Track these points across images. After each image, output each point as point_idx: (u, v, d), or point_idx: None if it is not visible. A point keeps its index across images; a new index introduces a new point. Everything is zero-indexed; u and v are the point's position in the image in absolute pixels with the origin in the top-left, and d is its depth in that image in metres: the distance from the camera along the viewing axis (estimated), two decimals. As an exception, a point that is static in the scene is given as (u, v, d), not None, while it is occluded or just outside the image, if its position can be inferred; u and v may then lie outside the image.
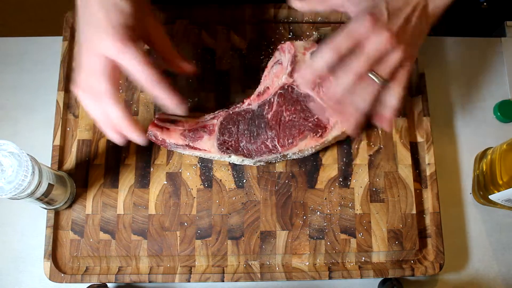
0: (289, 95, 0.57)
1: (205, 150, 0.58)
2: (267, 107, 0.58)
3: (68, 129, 0.63)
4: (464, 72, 0.71)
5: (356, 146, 0.62)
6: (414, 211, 0.60)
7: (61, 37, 0.67)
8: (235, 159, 0.58)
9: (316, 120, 0.57)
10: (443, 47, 0.71)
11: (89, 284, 0.58)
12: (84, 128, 0.63)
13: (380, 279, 0.60)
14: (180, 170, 0.61)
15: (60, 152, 0.62)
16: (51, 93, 0.66)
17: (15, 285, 0.61)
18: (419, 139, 0.64)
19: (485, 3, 0.91)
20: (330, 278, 0.58)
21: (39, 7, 1.67)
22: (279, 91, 0.58)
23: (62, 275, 0.58)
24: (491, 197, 0.60)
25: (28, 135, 0.67)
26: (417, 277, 0.61)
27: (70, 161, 0.62)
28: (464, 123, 0.68)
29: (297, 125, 0.57)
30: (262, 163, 0.61)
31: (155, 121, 0.59)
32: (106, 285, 0.59)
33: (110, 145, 0.62)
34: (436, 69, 0.70)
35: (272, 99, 0.58)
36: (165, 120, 0.59)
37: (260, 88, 0.59)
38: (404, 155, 0.62)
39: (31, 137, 0.66)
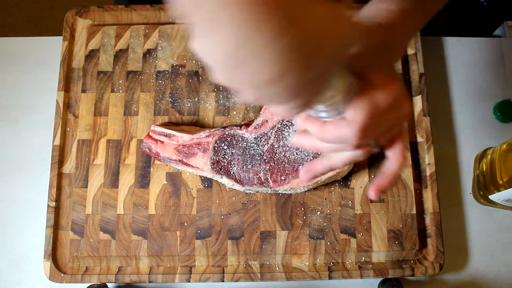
0: (287, 131, 0.57)
1: (198, 167, 0.58)
2: (263, 140, 0.58)
3: (68, 129, 0.63)
4: (464, 72, 0.70)
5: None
6: (414, 211, 0.60)
7: (61, 37, 0.67)
8: (226, 181, 0.58)
9: (311, 159, 0.57)
10: (443, 47, 0.71)
11: (89, 284, 0.58)
12: (84, 128, 0.63)
13: (380, 279, 0.60)
14: (180, 170, 0.61)
15: (60, 152, 0.62)
16: (51, 93, 0.66)
17: (15, 285, 0.61)
18: (419, 139, 0.64)
19: (485, 3, 0.91)
20: (330, 278, 0.58)
21: (39, 7, 1.67)
22: (277, 126, 0.57)
23: (62, 275, 0.58)
24: (491, 197, 0.60)
25: (28, 135, 0.67)
26: (417, 277, 0.61)
27: (70, 161, 0.62)
28: (464, 123, 0.68)
29: (291, 162, 0.57)
30: (252, 192, 0.61)
31: (150, 133, 0.60)
32: (106, 285, 0.59)
33: (110, 145, 0.62)
34: (436, 69, 0.70)
35: (269, 133, 0.58)
36: (161, 133, 0.59)
37: (258, 120, 0.59)
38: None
39: (31, 137, 0.66)
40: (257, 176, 0.57)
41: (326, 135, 0.34)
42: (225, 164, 0.58)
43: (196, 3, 0.23)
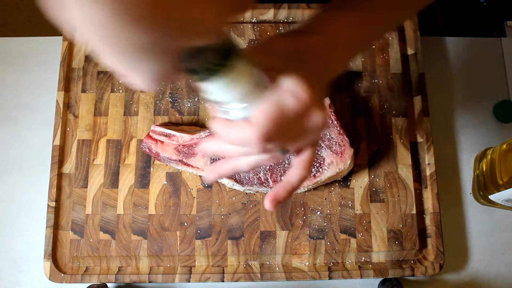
0: None
1: (198, 168, 0.58)
2: None
3: (68, 129, 0.63)
4: (464, 72, 0.71)
5: (356, 146, 0.62)
6: (414, 211, 0.60)
7: (61, 37, 0.67)
8: (226, 181, 0.58)
9: None
10: (443, 47, 0.71)
11: (89, 284, 0.58)
12: (84, 128, 0.63)
13: (380, 279, 0.60)
14: (180, 170, 0.61)
15: (60, 152, 0.62)
16: (51, 93, 0.66)
17: (15, 285, 0.61)
18: (419, 139, 0.64)
19: (485, 3, 0.91)
20: (330, 278, 0.58)
21: (39, 7, 1.67)
22: None
23: (62, 275, 0.58)
24: (491, 197, 0.60)
25: (28, 135, 0.67)
26: (417, 277, 0.61)
27: (70, 161, 0.62)
28: (464, 123, 0.68)
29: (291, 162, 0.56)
30: (252, 192, 0.60)
31: (150, 133, 0.60)
32: (106, 285, 0.59)
33: (110, 145, 0.62)
34: (436, 69, 0.70)
35: None
36: (161, 133, 0.59)
37: None
38: (404, 155, 0.62)
39: (31, 137, 0.66)
40: (257, 176, 0.57)
41: (228, 136, 0.32)
42: None
43: None
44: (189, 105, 0.64)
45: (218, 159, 0.57)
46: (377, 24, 0.40)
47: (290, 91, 0.31)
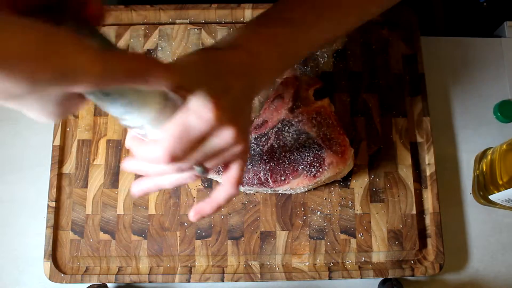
0: (287, 131, 0.57)
1: None
2: (263, 141, 0.57)
3: (68, 129, 0.63)
4: (464, 72, 0.70)
5: (356, 146, 0.62)
6: (414, 211, 0.60)
7: (61, 37, 0.67)
8: None
9: (311, 159, 0.56)
10: (443, 47, 0.71)
11: (89, 284, 0.58)
12: (84, 128, 0.63)
13: (380, 279, 0.60)
14: (180, 170, 0.61)
15: (60, 152, 0.62)
16: (51, 93, 0.66)
17: (15, 285, 0.61)
18: (419, 139, 0.64)
19: (485, 3, 0.91)
20: (330, 278, 0.58)
21: (39, 7, 1.67)
22: (277, 126, 0.57)
23: (62, 275, 0.58)
24: (491, 197, 0.60)
25: (28, 135, 0.67)
26: (417, 277, 0.61)
27: (70, 161, 0.62)
28: (464, 123, 0.68)
29: (292, 162, 0.56)
30: (252, 192, 0.60)
31: None
32: (106, 285, 0.59)
33: (110, 145, 0.62)
34: (436, 69, 0.70)
35: (269, 134, 0.57)
36: None
37: (258, 120, 0.59)
38: (404, 155, 0.62)
39: (31, 137, 0.66)
40: (257, 176, 0.57)
41: (139, 154, 0.33)
42: None
43: None
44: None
45: None
46: (302, 40, 0.40)
47: (195, 111, 0.32)
